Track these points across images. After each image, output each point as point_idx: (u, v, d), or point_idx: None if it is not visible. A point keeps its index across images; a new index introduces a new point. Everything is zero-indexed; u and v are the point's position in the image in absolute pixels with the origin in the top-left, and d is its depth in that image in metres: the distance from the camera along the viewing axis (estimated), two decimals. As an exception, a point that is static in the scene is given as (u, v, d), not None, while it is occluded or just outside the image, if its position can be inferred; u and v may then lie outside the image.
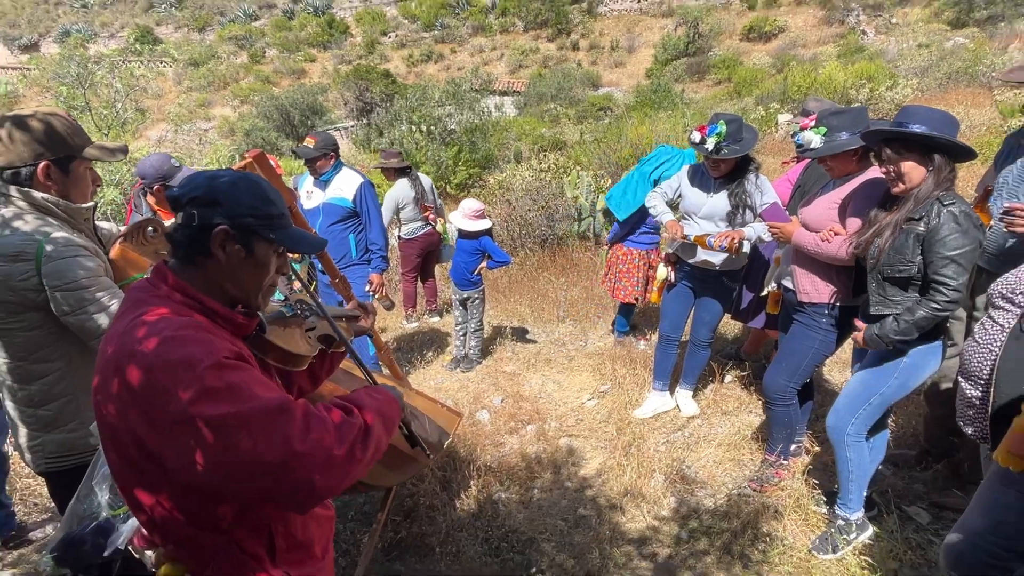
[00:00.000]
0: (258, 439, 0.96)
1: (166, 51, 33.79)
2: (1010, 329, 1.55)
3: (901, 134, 2.00)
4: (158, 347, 0.98)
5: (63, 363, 1.74)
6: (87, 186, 1.78)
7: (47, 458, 1.80)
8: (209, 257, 1.12)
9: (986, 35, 18.28)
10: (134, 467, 1.07)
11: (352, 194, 3.85)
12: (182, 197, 1.12)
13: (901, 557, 2.30)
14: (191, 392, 0.94)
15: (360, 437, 1.10)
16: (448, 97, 13.05)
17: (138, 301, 1.11)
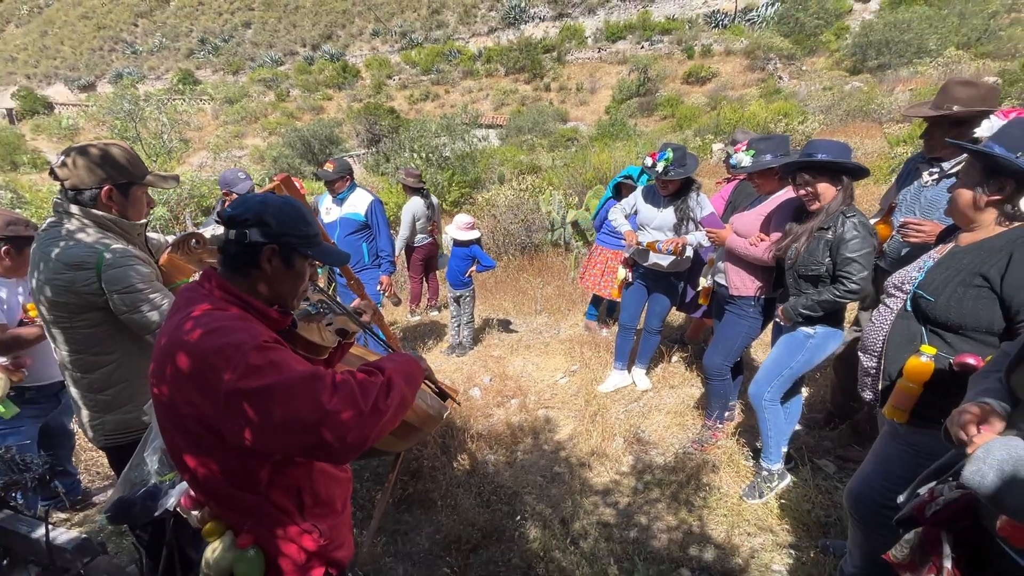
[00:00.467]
0: (297, 402, 0.97)
1: (204, 91, 33.08)
2: (898, 310, 1.60)
3: (812, 163, 2.05)
4: (208, 335, 1.00)
5: (119, 355, 1.71)
6: (143, 207, 1.75)
7: (106, 435, 1.77)
8: (257, 268, 1.13)
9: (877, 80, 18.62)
10: (190, 437, 1.07)
11: (364, 209, 3.82)
12: (236, 217, 1.12)
13: (813, 500, 2.33)
14: (239, 369, 0.96)
15: (383, 392, 1.09)
16: (443, 129, 12.97)
17: (190, 300, 1.11)
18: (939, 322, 1.47)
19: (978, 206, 1.43)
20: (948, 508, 1.10)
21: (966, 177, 1.46)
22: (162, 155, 8.54)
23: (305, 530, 1.16)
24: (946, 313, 1.45)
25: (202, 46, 43.35)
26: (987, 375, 1.21)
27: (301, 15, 44.02)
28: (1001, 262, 1.37)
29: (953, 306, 1.43)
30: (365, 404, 1.04)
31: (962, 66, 15.97)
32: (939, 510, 1.11)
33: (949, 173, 2.15)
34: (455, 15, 40.49)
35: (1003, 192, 1.38)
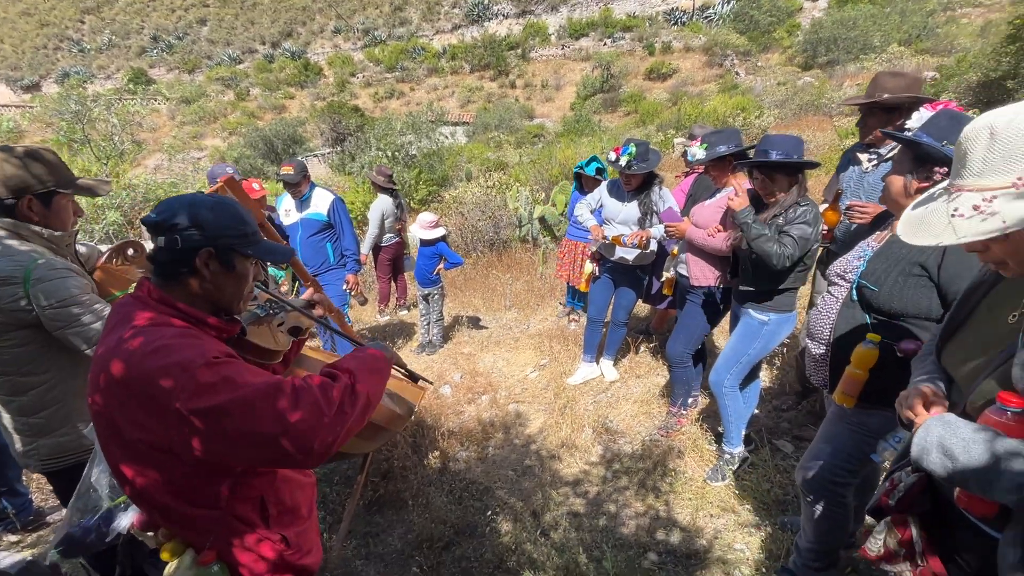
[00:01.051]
0: (256, 417, 0.92)
1: (158, 90, 31.64)
2: (843, 299, 1.65)
3: (766, 163, 2.11)
4: (152, 355, 0.93)
5: (52, 374, 1.59)
6: (68, 216, 1.62)
7: (43, 460, 1.65)
8: (194, 274, 1.05)
9: (827, 75, 19.29)
10: (141, 460, 1.00)
11: (326, 209, 3.74)
12: (164, 221, 1.03)
13: (772, 480, 2.42)
14: (189, 389, 0.90)
15: (347, 394, 1.04)
16: (408, 128, 12.77)
17: (126, 316, 1.02)
18: (883, 310, 1.52)
19: (908, 193, 1.48)
20: (909, 493, 1.15)
21: (898, 165, 1.52)
22: (113, 158, 8.09)
23: (271, 539, 1.12)
24: (889, 302, 1.50)
25: (155, 44, 41.47)
26: (925, 357, 1.26)
27: (259, 12, 42.61)
28: (937, 252, 1.42)
29: (895, 295, 1.48)
30: (328, 410, 0.99)
31: (904, 61, 16.68)
32: (902, 496, 1.15)
33: (887, 157, 2.27)
34: (418, 12, 39.93)
35: (931, 180, 1.44)
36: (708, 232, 2.54)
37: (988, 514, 0.98)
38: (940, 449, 0.97)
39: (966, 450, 0.93)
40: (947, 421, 1.01)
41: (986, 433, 0.93)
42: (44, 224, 1.56)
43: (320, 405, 0.99)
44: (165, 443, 0.95)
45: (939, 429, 0.99)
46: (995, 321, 1.06)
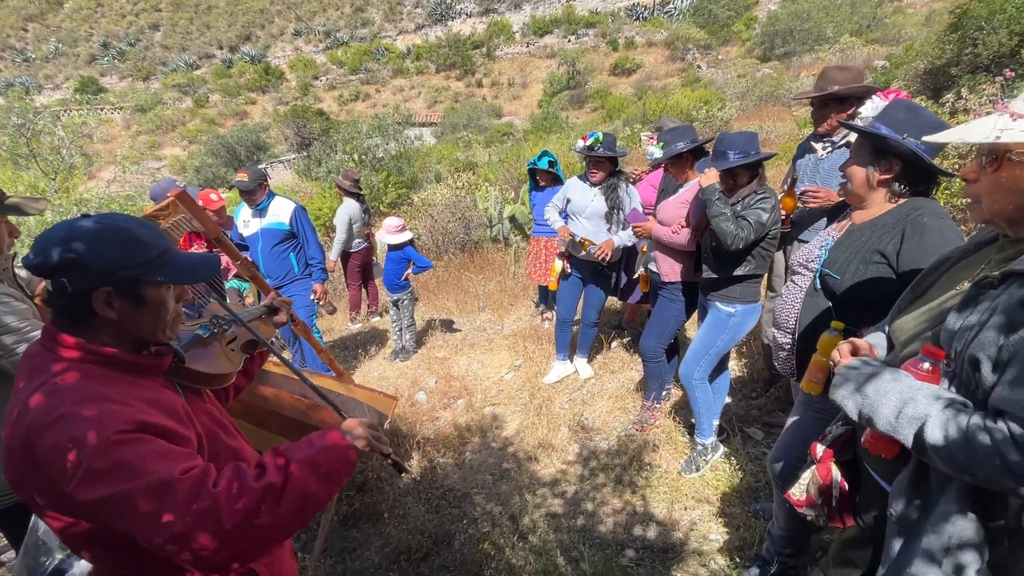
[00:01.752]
0: (141, 519, 0.80)
1: (107, 99, 30.35)
2: (807, 288, 1.67)
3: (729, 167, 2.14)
4: (48, 429, 0.82)
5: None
6: (2, 238, 1.53)
7: None
8: (97, 317, 0.91)
9: (784, 66, 19.84)
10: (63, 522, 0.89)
11: (288, 217, 3.62)
12: (44, 264, 0.87)
13: (744, 468, 2.45)
14: (77, 476, 0.79)
15: (267, 500, 0.86)
16: (375, 130, 12.58)
17: (34, 369, 0.90)
18: (846, 298, 1.55)
19: (871, 185, 1.51)
20: (836, 442, 1.26)
21: (857, 157, 1.54)
22: (62, 172, 7.70)
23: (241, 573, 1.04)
24: (852, 290, 1.52)
25: (105, 51, 39.78)
26: (877, 329, 1.33)
27: (215, 15, 41.32)
28: (896, 239, 1.45)
29: (858, 282, 1.51)
30: (230, 520, 0.82)
31: (855, 51, 17.25)
32: (830, 444, 1.26)
33: (840, 144, 2.36)
34: (380, 12, 39.37)
35: (892, 172, 1.47)
36: (672, 229, 2.57)
37: (889, 455, 1.06)
38: (856, 386, 1.03)
39: (877, 389, 0.99)
40: (867, 363, 1.08)
41: (901, 376, 1.00)
42: None
43: (220, 518, 0.82)
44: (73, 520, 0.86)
45: (859, 368, 1.06)
46: (945, 293, 1.10)
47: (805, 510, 1.32)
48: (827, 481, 1.26)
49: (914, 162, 1.43)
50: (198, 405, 1.10)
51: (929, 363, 0.99)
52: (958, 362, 0.96)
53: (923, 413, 0.92)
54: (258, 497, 0.86)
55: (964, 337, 0.94)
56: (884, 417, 0.97)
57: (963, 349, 0.93)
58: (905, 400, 0.95)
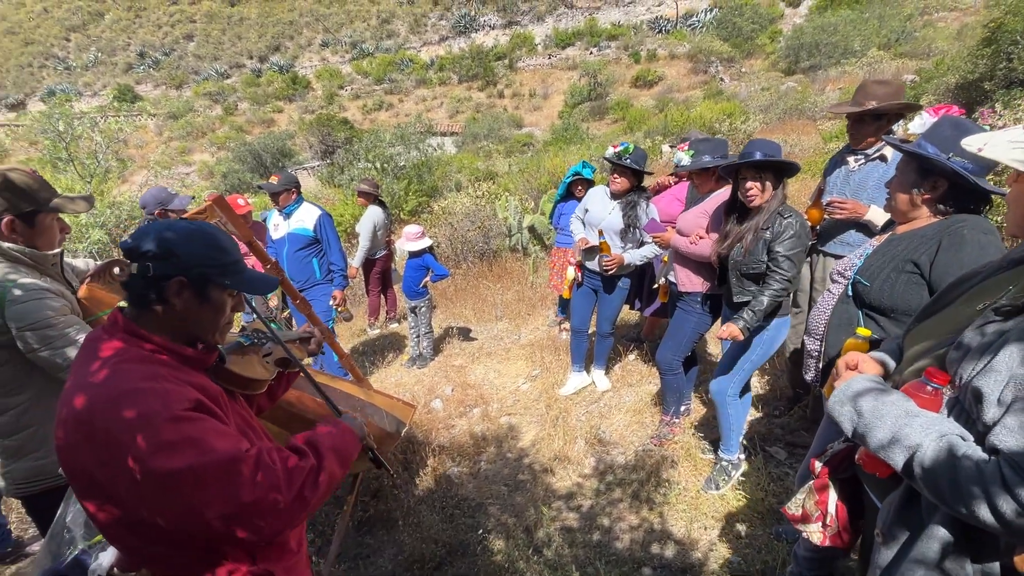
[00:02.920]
0: (210, 492, 0.87)
1: (143, 107, 31.49)
2: (839, 295, 1.66)
3: (752, 162, 2.11)
4: (115, 403, 0.87)
5: (28, 396, 1.56)
6: (54, 235, 1.61)
7: (17, 484, 1.62)
8: (166, 304, 1.00)
9: (809, 80, 19.59)
10: (103, 506, 0.94)
11: (312, 224, 3.70)
12: (135, 249, 0.99)
13: (766, 488, 2.39)
14: (149, 447, 0.84)
15: (310, 479, 0.99)
16: (397, 139, 12.76)
17: (95, 350, 0.97)
18: (874, 306, 1.53)
19: (915, 205, 1.50)
20: (834, 458, 1.24)
21: (903, 177, 1.52)
22: (97, 176, 8.00)
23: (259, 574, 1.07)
24: (879, 297, 1.51)
25: (141, 60, 41.35)
26: (892, 339, 1.30)
27: (246, 27, 42.66)
28: (931, 250, 1.43)
29: (886, 291, 1.49)
30: (287, 494, 0.94)
31: (884, 65, 16.99)
32: (827, 460, 1.24)
33: (872, 157, 2.31)
34: (405, 24, 40.17)
35: (935, 191, 1.45)
36: (691, 240, 2.54)
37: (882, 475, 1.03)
38: (852, 403, 1.01)
39: (874, 409, 0.97)
40: (869, 379, 1.06)
41: (900, 399, 0.97)
42: (29, 244, 1.54)
43: (280, 489, 0.93)
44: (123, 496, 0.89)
45: (858, 386, 1.03)
46: (964, 311, 1.07)
47: (800, 526, 1.31)
48: (823, 498, 1.25)
49: (959, 182, 1.40)
50: (231, 405, 1.15)
51: (932, 387, 0.96)
52: (962, 391, 0.92)
53: (916, 441, 0.89)
54: (304, 475, 0.98)
55: (970, 366, 0.90)
56: (877, 439, 0.95)
57: (968, 378, 0.90)
58: (900, 425, 0.92)
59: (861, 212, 2.23)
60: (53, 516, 1.49)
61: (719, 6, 31.67)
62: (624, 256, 3.04)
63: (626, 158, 2.97)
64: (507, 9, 37.16)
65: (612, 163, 3.02)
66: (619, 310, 3.41)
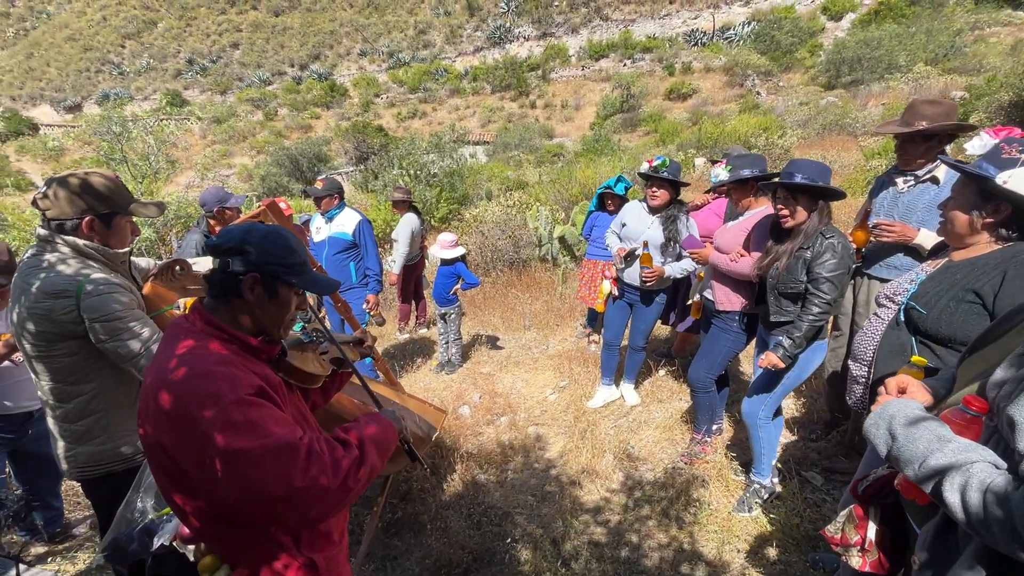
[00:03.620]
0: (266, 473, 0.94)
1: (192, 112, 32.93)
2: (889, 321, 1.62)
3: (790, 185, 2.08)
4: (190, 381, 0.97)
5: (96, 384, 1.66)
6: (126, 236, 1.72)
7: (79, 467, 1.71)
8: (239, 297, 1.12)
9: (851, 95, 19.08)
10: (172, 477, 1.03)
11: (352, 229, 3.82)
12: (220, 246, 1.11)
13: (801, 513, 2.33)
14: (216, 423, 0.93)
15: (354, 468, 1.06)
16: (431, 147, 13.01)
17: (175, 336, 1.08)
18: (929, 334, 1.49)
19: (975, 230, 1.43)
20: (875, 483, 1.22)
21: (961, 198, 1.45)
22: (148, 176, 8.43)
23: (302, 563, 1.13)
24: (936, 326, 1.46)
25: (189, 67, 43.27)
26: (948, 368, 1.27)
27: (289, 36, 44.21)
28: (995, 280, 1.38)
29: (944, 319, 1.44)
30: (334, 482, 1.01)
31: (931, 81, 16.43)
32: (868, 485, 1.22)
33: (923, 179, 2.24)
34: (441, 35, 40.95)
35: (998, 215, 1.39)
36: (731, 257, 2.51)
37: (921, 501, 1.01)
38: (887, 426, 1.00)
39: (908, 434, 0.95)
40: (906, 404, 1.03)
41: (935, 424, 0.95)
42: (104, 243, 1.65)
43: (328, 475, 1.00)
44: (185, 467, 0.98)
45: (894, 409, 1.02)
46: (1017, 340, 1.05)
47: (838, 548, 1.29)
48: (863, 522, 1.23)
49: None
50: (289, 396, 1.23)
51: (970, 414, 0.94)
52: (999, 418, 0.90)
53: (946, 466, 0.87)
54: (349, 464, 1.05)
55: (1007, 393, 0.89)
56: (910, 463, 0.93)
57: (1004, 406, 0.88)
58: (932, 450, 0.90)
59: (910, 236, 2.17)
60: (109, 499, 1.60)
61: (757, 19, 31.24)
62: (666, 269, 3.03)
63: (663, 171, 2.97)
64: (542, 21, 37.51)
65: (649, 177, 3.03)
66: (654, 324, 3.39)
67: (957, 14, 24.30)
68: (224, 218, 3.28)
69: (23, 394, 2.38)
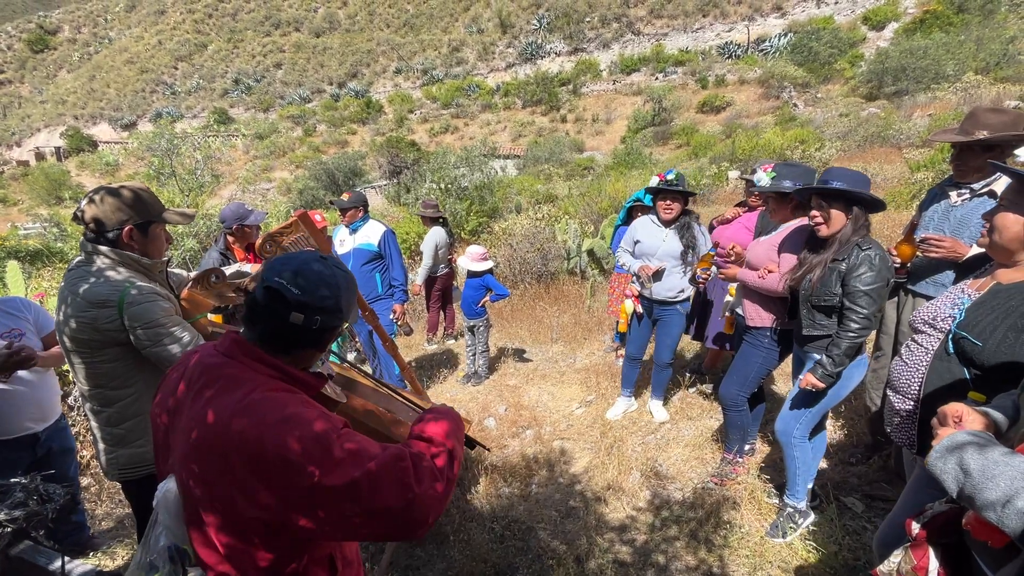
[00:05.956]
0: (386, 492, 0.92)
1: (237, 128, 34.54)
2: (934, 350, 1.49)
3: (825, 189, 2.02)
4: (284, 425, 0.90)
5: (136, 389, 1.73)
6: (162, 244, 1.79)
7: (120, 469, 1.78)
8: (316, 348, 1.06)
9: (894, 106, 18.43)
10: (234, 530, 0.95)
11: (377, 240, 3.90)
12: (312, 303, 0.98)
13: (839, 541, 2.22)
14: (325, 465, 0.89)
15: (449, 464, 1.06)
16: (462, 161, 13.21)
17: (229, 378, 0.98)
18: (987, 368, 1.35)
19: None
20: (935, 520, 1.12)
21: (1013, 204, 1.33)
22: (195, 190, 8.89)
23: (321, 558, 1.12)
24: (996, 358, 1.32)
25: (236, 86, 45.50)
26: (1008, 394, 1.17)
27: (328, 55, 46.02)
28: None
29: (1004, 352, 1.31)
30: (442, 481, 1.00)
31: (981, 90, 15.73)
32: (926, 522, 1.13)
33: (980, 192, 2.12)
34: (474, 52, 41.82)
35: None
36: (759, 273, 2.44)
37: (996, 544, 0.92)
38: (958, 460, 0.92)
39: (984, 468, 0.87)
40: (976, 435, 0.95)
41: (1017, 460, 0.87)
42: (142, 252, 1.72)
43: (436, 476, 0.99)
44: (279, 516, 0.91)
45: (963, 439, 0.94)
46: None
47: None
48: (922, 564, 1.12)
49: None
50: None
51: None
52: None
53: None
54: (445, 460, 1.05)
55: None
56: (989, 502, 0.85)
57: None
58: (1018, 487, 0.82)
59: (961, 252, 2.04)
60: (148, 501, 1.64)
61: (794, 30, 30.67)
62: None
63: (675, 183, 2.98)
64: (573, 36, 37.86)
65: (662, 190, 3.03)
66: (679, 339, 3.33)
67: (1010, 20, 23.26)
68: (243, 235, 3.26)
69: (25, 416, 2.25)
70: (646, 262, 3.18)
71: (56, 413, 2.43)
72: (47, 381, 2.37)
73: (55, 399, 2.45)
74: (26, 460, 2.29)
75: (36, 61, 55.46)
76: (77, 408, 3.46)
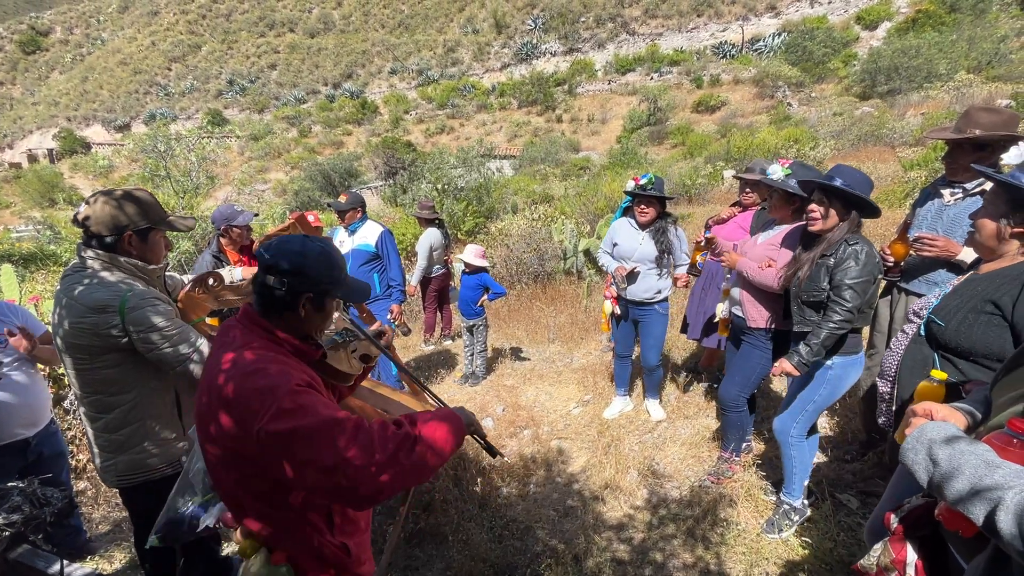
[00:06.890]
0: (317, 446, 1.02)
1: (232, 129, 34.41)
2: (912, 335, 1.59)
3: (828, 185, 2.04)
4: (248, 376, 1.08)
5: (135, 395, 1.72)
6: (161, 251, 1.79)
7: (119, 476, 1.77)
8: (292, 312, 1.21)
9: (887, 105, 18.53)
10: (228, 466, 1.14)
11: (375, 240, 3.90)
12: (275, 265, 1.17)
13: (835, 538, 2.24)
14: (271, 412, 1.03)
15: (405, 444, 1.09)
16: (458, 161, 13.22)
17: (229, 338, 1.19)
18: (949, 347, 1.46)
19: (1002, 237, 1.41)
20: (911, 514, 1.16)
21: (991, 207, 1.43)
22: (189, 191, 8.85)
23: (334, 546, 1.21)
24: (956, 339, 1.44)
25: (230, 87, 45.33)
26: (980, 390, 1.22)
27: (323, 56, 45.91)
28: (1014, 290, 1.35)
29: (963, 332, 1.42)
30: (382, 454, 1.05)
31: (974, 89, 15.84)
32: (903, 516, 1.17)
33: (972, 192, 2.15)
34: (469, 52, 41.81)
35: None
36: (760, 265, 2.45)
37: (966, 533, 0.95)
38: (928, 451, 0.95)
39: (951, 459, 0.90)
40: (945, 427, 0.99)
41: (981, 449, 0.90)
42: (141, 257, 1.72)
43: (374, 449, 1.05)
44: (251, 454, 1.07)
45: (933, 432, 0.97)
46: None
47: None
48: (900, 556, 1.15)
49: None
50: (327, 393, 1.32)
51: (1017, 438, 0.89)
52: None
53: (998, 494, 0.82)
54: (399, 441, 1.09)
55: None
56: (956, 491, 0.87)
57: None
58: (980, 476, 0.85)
59: (953, 251, 2.07)
60: (146, 507, 1.67)
61: (788, 30, 30.81)
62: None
63: (650, 188, 3.00)
64: (568, 37, 37.92)
65: (636, 195, 3.05)
66: (663, 339, 3.34)
67: (1001, 20, 23.44)
68: (231, 236, 3.28)
69: (15, 423, 2.25)
70: (623, 264, 3.21)
71: (46, 418, 2.41)
72: (37, 386, 2.36)
73: (45, 404, 2.44)
74: (17, 466, 2.28)
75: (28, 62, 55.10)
76: (73, 412, 3.45)
